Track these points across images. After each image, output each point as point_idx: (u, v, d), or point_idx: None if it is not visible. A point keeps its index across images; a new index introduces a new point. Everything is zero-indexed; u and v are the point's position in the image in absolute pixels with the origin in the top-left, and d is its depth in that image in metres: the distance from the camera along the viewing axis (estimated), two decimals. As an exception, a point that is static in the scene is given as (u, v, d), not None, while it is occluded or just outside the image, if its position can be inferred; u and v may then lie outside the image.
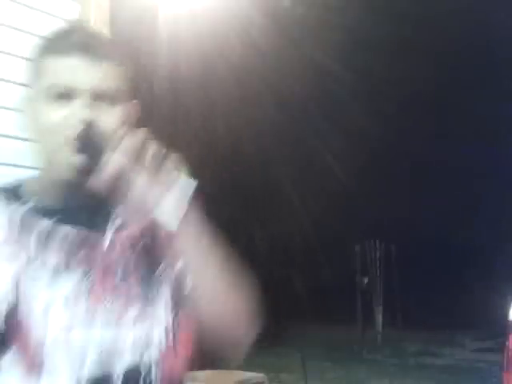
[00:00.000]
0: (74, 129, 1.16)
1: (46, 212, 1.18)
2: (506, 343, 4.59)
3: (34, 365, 1.10)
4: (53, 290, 1.13)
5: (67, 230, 1.17)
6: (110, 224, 1.21)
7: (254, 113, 11.72)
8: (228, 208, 11.47)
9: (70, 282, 1.14)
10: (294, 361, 8.58)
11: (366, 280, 12.39)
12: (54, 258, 1.15)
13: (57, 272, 1.14)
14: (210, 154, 11.33)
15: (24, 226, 1.16)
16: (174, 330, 1.19)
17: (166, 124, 10.35)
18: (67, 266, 1.15)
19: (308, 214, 12.14)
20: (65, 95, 1.18)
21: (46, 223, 1.16)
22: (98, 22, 3.23)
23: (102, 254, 1.18)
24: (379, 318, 12.07)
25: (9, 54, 2.88)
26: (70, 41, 1.20)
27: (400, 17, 11.96)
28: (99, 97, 1.18)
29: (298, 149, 13.18)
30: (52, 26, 3.13)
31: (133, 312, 1.17)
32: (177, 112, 10.55)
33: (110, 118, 1.18)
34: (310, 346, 10.06)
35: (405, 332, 11.92)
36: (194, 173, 1.18)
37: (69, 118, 1.17)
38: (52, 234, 1.16)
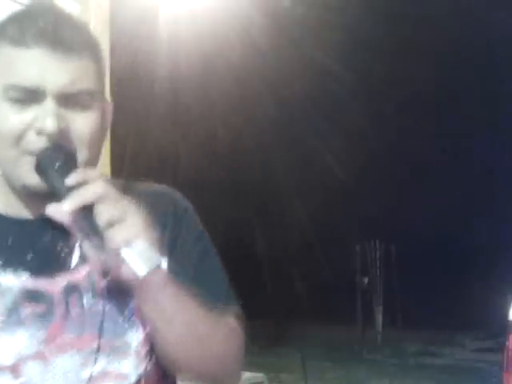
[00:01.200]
0: (34, 142, 0.97)
1: None
2: (506, 343, 4.59)
3: None
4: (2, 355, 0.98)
5: (8, 282, 0.99)
6: (59, 265, 1.02)
7: (254, 112, 11.72)
8: (228, 208, 11.48)
9: (11, 346, 0.98)
10: (294, 361, 8.58)
11: (366, 280, 12.39)
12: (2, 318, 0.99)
13: (6, 333, 0.98)
14: (210, 153, 11.33)
15: None
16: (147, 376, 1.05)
17: (166, 124, 10.36)
18: (8, 327, 0.98)
19: (308, 214, 12.14)
20: (25, 98, 0.97)
21: None
22: (98, 22, 3.23)
23: (51, 307, 1.00)
24: (379, 318, 12.07)
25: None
26: (33, 27, 0.97)
27: (400, 17, 11.96)
28: (69, 101, 0.98)
29: (297, 148, 13.18)
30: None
31: (85, 367, 1.01)
32: (177, 112, 10.56)
33: (80, 127, 0.99)
34: (310, 346, 10.05)
35: (405, 332, 11.91)
36: (194, 171, 1.16)
37: (29, 127, 0.97)
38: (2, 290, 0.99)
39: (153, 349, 1.04)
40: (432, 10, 12.20)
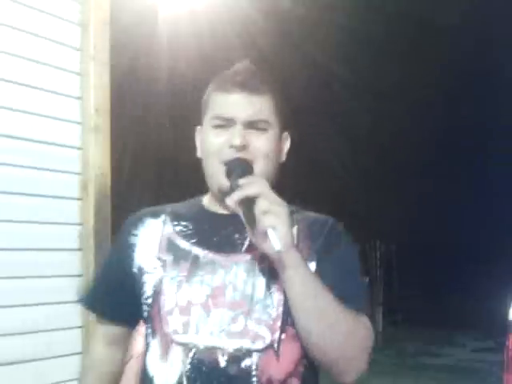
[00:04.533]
0: (227, 154, 1.38)
1: (185, 236, 1.44)
2: (506, 343, 4.59)
3: (165, 346, 1.39)
4: (175, 298, 1.39)
5: (197, 252, 1.42)
6: (233, 248, 1.40)
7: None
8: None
9: (189, 294, 1.39)
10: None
11: (366, 280, 12.39)
12: (181, 274, 1.40)
13: (180, 284, 1.40)
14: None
15: (167, 246, 1.45)
16: (279, 342, 1.35)
17: (166, 123, 10.35)
18: (189, 281, 1.39)
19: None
20: (223, 125, 1.40)
21: (183, 246, 1.43)
22: (98, 21, 3.23)
23: (220, 275, 1.39)
24: (379, 318, 12.07)
25: (9, 53, 2.88)
26: (233, 80, 1.42)
27: (400, 17, 11.96)
28: (251, 126, 1.40)
29: (297, 148, 13.17)
30: (52, 26, 3.14)
31: (236, 324, 1.35)
32: (177, 112, 10.55)
33: (259, 143, 1.40)
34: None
35: (405, 332, 11.91)
36: (194, 171, 1.24)
37: (224, 143, 1.39)
38: (185, 255, 1.42)
39: (289, 323, 1.34)
40: (432, 10, 12.20)
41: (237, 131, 1.38)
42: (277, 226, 1.26)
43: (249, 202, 1.28)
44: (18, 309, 2.77)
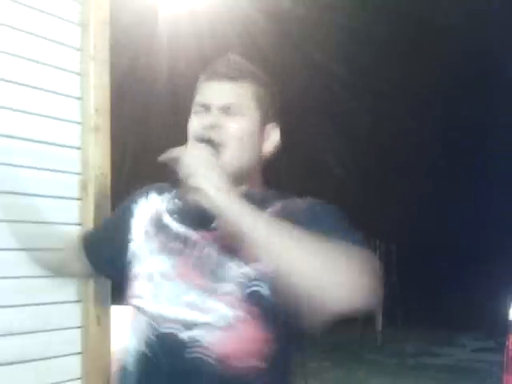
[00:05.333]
0: (201, 133, 1.44)
1: (171, 211, 1.51)
2: (506, 343, 4.59)
3: (132, 311, 1.47)
4: (143, 266, 1.48)
5: (174, 227, 1.47)
6: (205, 224, 1.42)
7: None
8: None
9: (156, 263, 1.45)
10: (294, 361, 8.58)
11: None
12: (156, 244, 1.48)
13: (152, 254, 1.47)
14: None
15: (155, 220, 1.53)
16: (238, 320, 1.34)
17: (166, 123, 10.35)
18: (160, 252, 1.46)
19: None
20: (202, 110, 1.48)
21: (165, 220, 1.50)
22: (98, 21, 3.23)
23: (188, 249, 1.43)
24: (379, 318, 12.07)
25: (9, 54, 2.88)
26: (215, 70, 1.50)
27: (400, 17, 11.97)
28: (226, 110, 1.45)
29: (297, 148, 13.18)
30: (52, 26, 3.14)
31: (195, 297, 1.38)
32: (177, 112, 10.55)
33: (232, 125, 1.44)
34: (310, 346, 10.06)
35: (405, 332, 11.92)
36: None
37: (198, 125, 1.46)
38: (164, 229, 1.49)
39: (251, 302, 1.34)
40: (432, 10, 12.20)
41: (212, 116, 1.45)
42: (203, 187, 1.29)
43: (175, 166, 1.36)
44: (18, 309, 2.78)
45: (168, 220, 1.50)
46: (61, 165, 3.11)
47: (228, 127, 1.44)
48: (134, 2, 6.11)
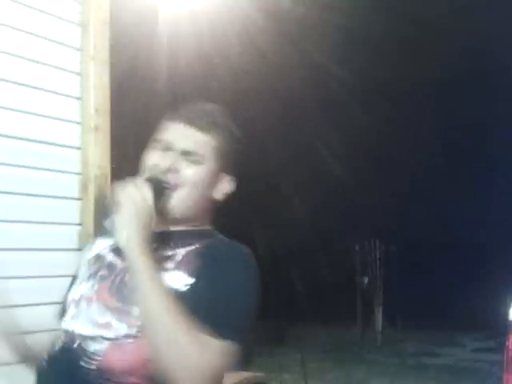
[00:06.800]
0: (157, 173, 1.51)
1: (108, 240, 1.59)
2: (506, 343, 4.58)
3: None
4: (75, 291, 1.58)
5: (105, 255, 1.58)
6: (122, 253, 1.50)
7: (254, 112, 11.72)
8: (227, 208, 11.46)
9: (84, 289, 1.55)
10: (294, 361, 8.58)
11: (366, 280, 12.39)
12: (90, 272, 1.58)
13: (84, 280, 1.58)
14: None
15: (97, 249, 1.64)
16: (130, 338, 1.42)
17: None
18: (90, 278, 1.56)
19: (308, 214, 12.14)
20: (162, 148, 1.55)
21: (103, 250, 1.60)
22: (98, 21, 3.23)
23: (111, 275, 1.53)
24: (379, 318, 12.07)
25: (9, 53, 2.88)
26: (184, 115, 1.58)
27: (400, 17, 11.96)
28: (185, 154, 1.53)
29: (297, 148, 13.18)
30: (52, 26, 3.13)
31: (103, 317, 1.47)
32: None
33: (188, 171, 1.53)
34: (310, 346, 10.06)
35: (405, 332, 11.92)
36: None
37: (156, 164, 1.53)
38: (100, 257, 1.60)
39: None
40: (432, 10, 12.20)
41: (170, 155, 1.53)
42: (123, 224, 1.42)
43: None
44: (18, 308, 2.77)
45: (106, 250, 1.59)
46: (61, 165, 3.11)
47: (184, 172, 1.52)
48: (134, 2, 6.11)
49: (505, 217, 12.38)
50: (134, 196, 1.45)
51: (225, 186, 1.62)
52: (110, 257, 1.57)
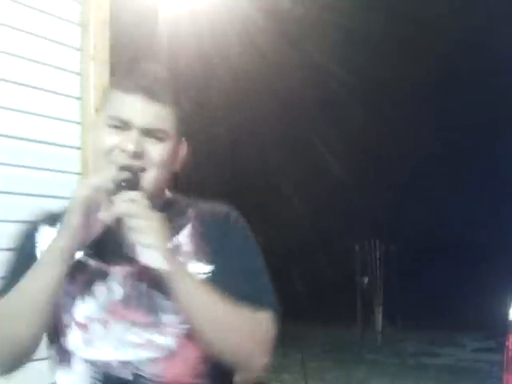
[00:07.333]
0: (117, 157, 1.35)
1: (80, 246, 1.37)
2: (506, 343, 4.58)
3: (68, 360, 1.39)
4: (73, 313, 1.38)
5: (91, 264, 1.39)
6: (125, 257, 1.35)
7: (254, 112, 11.72)
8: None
9: (86, 308, 1.37)
10: (294, 361, 8.58)
11: (366, 280, 12.39)
12: (75, 285, 1.38)
13: (76, 298, 1.38)
14: (210, 154, 11.33)
15: None
16: (179, 347, 1.35)
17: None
18: (84, 295, 1.38)
19: (308, 214, 12.14)
20: (119, 126, 1.36)
21: (77, 256, 1.37)
22: (98, 21, 3.23)
23: (115, 287, 1.38)
24: (379, 318, 12.06)
25: (9, 54, 2.88)
26: (137, 82, 1.38)
27: (400, 17, 11.96)
28: (148, 133, 1.36)
29: (297, 148, 13.18)
30: (52, 26, 3.13)
31: (135, 336, 1.35)
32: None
33: (154, 152, 1.36)
34: (310, 346, 10.06)
35: (405, 332, 11.91)
36: (193, 171, 1.23)
37: (116, 146, 1.35)
38: (79, 267, 1.38)
39: (186, 329, 1.35)
40: (432, 10, 12.20)
41: (132, 137, 1.35)
42: (151, 244, 1.28)
43: (121, 220, 1.30)
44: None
45: (80, 256, 1.39)
46: (61, 165, 3.11)
47: (150, 154, 1.36)
48: (134, 2, 6.11)
49: (505, 217, 12.38)
50: (142, 214, 1.29)
51: (183, 153, 1.47)
52: (96, 263, 1.39)
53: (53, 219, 1.49)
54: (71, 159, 3.13)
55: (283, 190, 12.34)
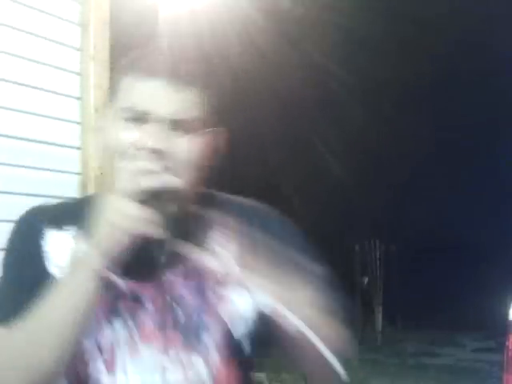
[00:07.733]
0: (135, 156, 1.12)
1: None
2: (506, 343, 4.58)
3: None
4: (95, 339, 1.17)
5: (115, 280, 1.16)
6: (154, 273, 1.20)
7: (254, 112, 11.72)
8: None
9: (110, 332, 1.18)
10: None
11: (365, 280, 12.39)
12: (99, 308, 1.16)
13: (100, 320, 1.17)
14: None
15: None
16: (218, 373, 1.21)
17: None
18: (110, 316, 1.18)
19: (308, 214, 12.13)
20: (136, 119, 1.12)
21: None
22: (98, 21, 3.23)
23: (145, 308, 1.19)
24: (379, 318, 12.06)
25: (9, 53, 2.88)
26: (149, 65, 1.15)
27: (400, 17, 11.96)
28: (176, 125, 1.13)
29: (297, 149, 13.17)
30: (52, 26, 3.13)
31: (170, 359, 1.19)
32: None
33: (180, 149, 1.13)
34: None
35: (405, 332, 11.91)
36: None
37: (134, 143, 1.12)
38: (101, 284, 1.13)
39: (225, 349, 1.21)
40: (432, 10, 12.20)
41: (152, 131, 1.11)
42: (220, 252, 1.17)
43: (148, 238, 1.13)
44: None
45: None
46: (61, 165, 3.11)
47: (176, 151, 1.13)
48: (134, 2, 6.11)
49: (505, 217, 12.38)
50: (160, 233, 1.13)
51: (220, 144, 1.24)
52: (120, 282, 1.18)
53: (57, 221, 1.23)
54: (71, 159, 3.13)
55: (283, 190, 12.34)
